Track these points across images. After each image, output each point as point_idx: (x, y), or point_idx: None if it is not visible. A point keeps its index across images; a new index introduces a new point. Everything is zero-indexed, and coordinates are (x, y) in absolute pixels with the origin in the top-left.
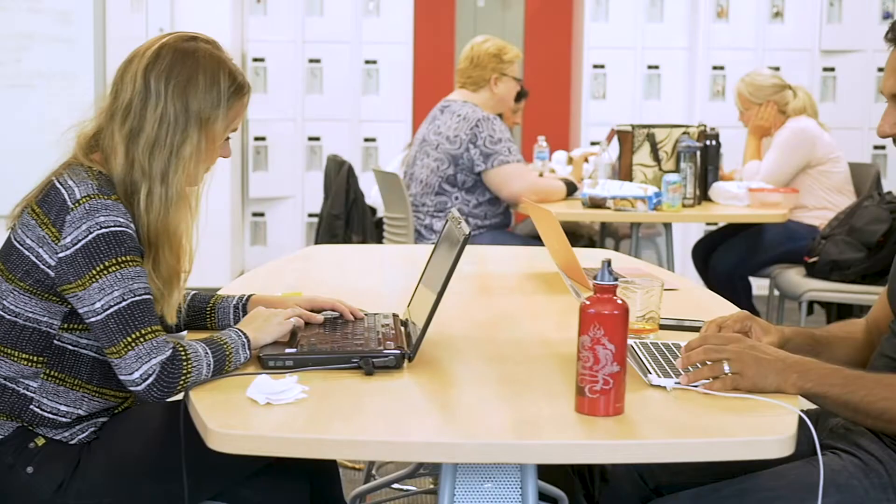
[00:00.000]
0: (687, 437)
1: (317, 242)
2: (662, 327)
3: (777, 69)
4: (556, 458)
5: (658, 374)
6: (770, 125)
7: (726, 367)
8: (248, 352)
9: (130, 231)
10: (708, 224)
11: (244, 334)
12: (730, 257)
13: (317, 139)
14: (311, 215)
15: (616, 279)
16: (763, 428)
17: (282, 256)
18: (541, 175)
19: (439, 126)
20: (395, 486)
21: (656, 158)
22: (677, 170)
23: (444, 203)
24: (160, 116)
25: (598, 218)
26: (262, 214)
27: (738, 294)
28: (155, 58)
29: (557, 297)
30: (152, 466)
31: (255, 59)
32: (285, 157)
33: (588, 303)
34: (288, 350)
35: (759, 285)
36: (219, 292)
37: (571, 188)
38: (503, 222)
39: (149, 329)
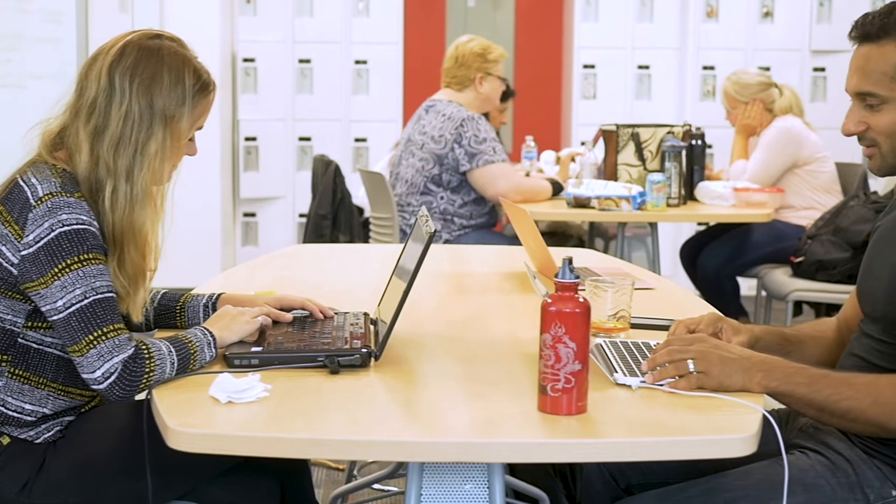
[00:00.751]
0: (649, 435)
1: (304, 242)
2: (634, 326)
3: (767, 69)
4: (517, 457)
5: (624, 373)
6: (757, 124)
7: (691, 366)
8: (213, 350)
9: (93, 229)
10: (699, 224)
11: (210, 333)
12: (717, 257)
13: (307, 139)
14: (302, 215)
15: (577, 277)
16: (726, 427)
17: None
18: (527, 175)
19: (424, 126)
20: (376, 486)
21: (641, 158)
22: (662, 169)
23: (429, 203)
24: (125, 114)
25: (582, 217)
26: (253, 214)
27: (726, 294)
28: (119, 55)
29: (534, 296)
30: (118, 466)
31: (246, 60)
32: (276, 158)
33: (549, 301)
34: (254, 349)
35: (748, 285)
36: (192, 291)
37: (557, 188)
38: (489, 222)
39: (111, 327)
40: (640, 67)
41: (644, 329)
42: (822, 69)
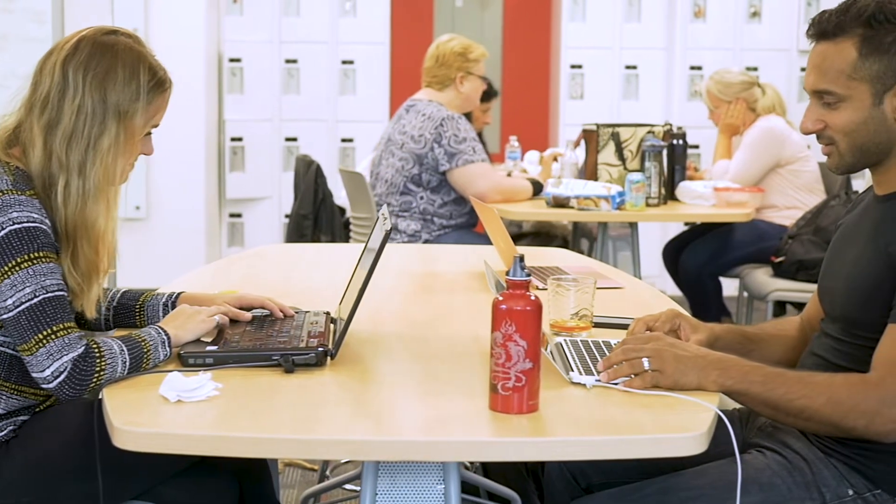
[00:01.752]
0: (598, 434)
1: (287, 242)
2: (596, 325)
3: (755, 69)
4: (465, 455)
5: (580, 372)
6: (740, 123)
7: (646, 364)
8: (168, 349)
9: (45, 227)
10: (686, 224)
11: (164, 332)
12: (698, 257)
13: (294, 140)
14: (288, 216)
15: (529, 275)
16: (677, 425)
17: None
18: (509, 175)
19: (404, 125)
20: (348, 486)
21: (621, 158)
22: (642, 169)
23: (409, 203)
24: (77, 108)
25: (561, 217)
26: (239, 215)
27: (708, 294)
28: (73, 50)
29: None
30: (72, 466)
31: (232, 60)
32: (262, 158)
33: (500, 299)
34: (209, 348)
35: (734, 285)
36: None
37: (538, 188)
38: (469, 222)
39: (61, 326)
40: (628, 67)
41: (606, 328)
42: None
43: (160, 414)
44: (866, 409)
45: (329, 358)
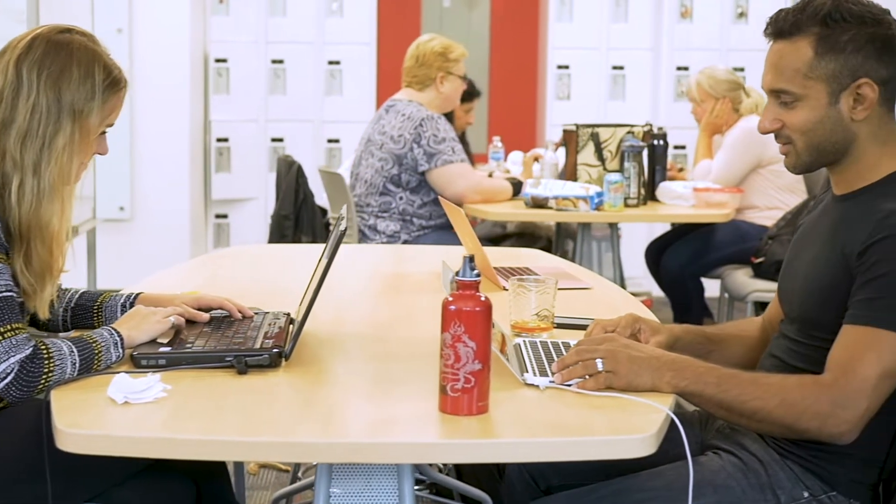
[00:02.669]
0: (547, 436)
1: (269, 243)
2: (558, 326)
3: (741, 69)
4: (410, 458)
5: (535, 373)
6: (724, 122)
7: (600, 365)
8: (120, 350)
9: None
10: (673, 224)
11: (117, 333)
12: (680, 257)
13: (280, 140)
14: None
15: (479, 275)
16: (626, 427)
17: None
18: (490, 175)
19: (384, 126)
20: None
21: (600, 158)
22: (621, 170)
23: (388, 203)
24: (32, 107)
25: (539, 218)
26: (225, 216)
27: (690, 294)
28: (27, 48)
29: None
30: (22, 468)
31: (218, 60)
32: (248, 159)
33: (450, 299)
34: (162, 349)
35: (716, 286)
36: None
37: (518, 188)
38: (449, 222)
39: (9, 327)
40: (615, 68)
41: (568, 328)
42: None
43: (105, 416)
44: (819, 410)
45: (283, 359)
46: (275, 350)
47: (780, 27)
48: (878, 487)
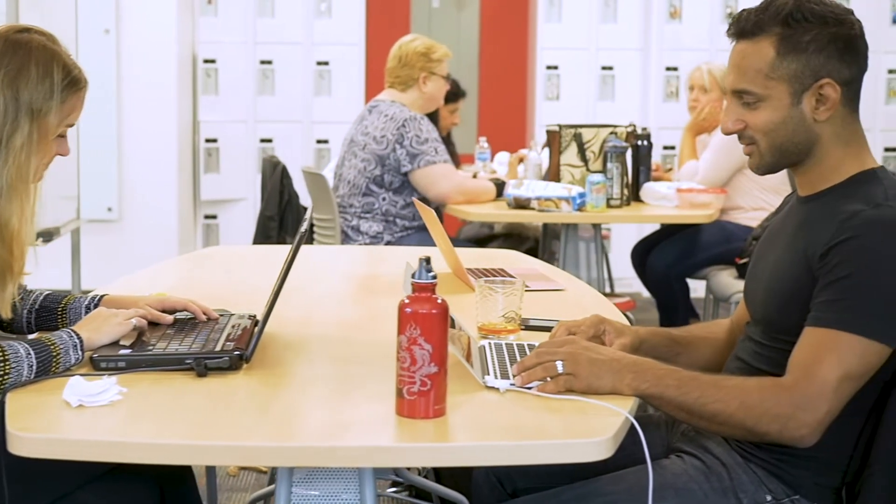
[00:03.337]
0: (503, 439)
1: (254, 244)
2: (526, 328)
3: None
4: (362, 461)
5: (496, 376)
6: (711, 123)
7: (560, 368)
8: (80, 353)
9: None
10: (663, 225)
11: (77, 335)
12: (665, 258)
13: (269, 141)
14: None
15: (435, 277)
16: (583, 430)
17: None
18: (474, 176)
19: (367, 126)
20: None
21: (583, 159)
22: (604, 170)
23: (371, 204)
24: None
25: (522, 218)
26: (214, 217)
27: (676, 295)
28: None
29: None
30: None
31: (206, 61)
32: (237, 160)
33: (406, 301)
34: (122, 351)
35: (702, 287)
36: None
37: (502, 189)
38: None
39: None
40: (604, 68)
41: (535, 330)
42: None
43: (59, 419)
44: (779, 413)
45: (244, 362)
46: (235, 352)
47: (743, 27)
48: (842, 491)
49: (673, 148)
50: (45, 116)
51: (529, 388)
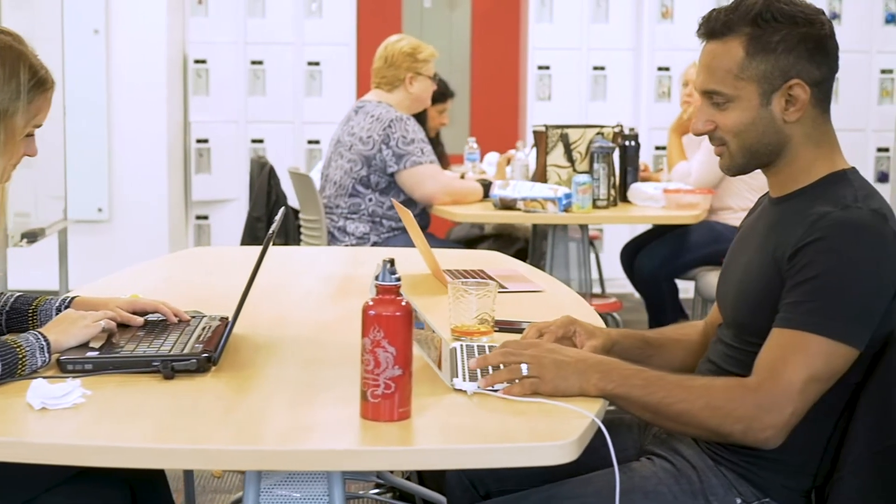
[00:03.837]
0: (466, 443)
1: (242, 244)
2: (500, 330)
3: None
4: (323, 465)
5: (464, 378)
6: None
7: (525, 371)
8: (46, 355)
9: None
10: (655, 225)
11: (44, 337)
12: (654, 259)
13: (260, 141)
14: None
15: (399, 279)
16: (547, 433)
17: None
18: (462, 176)
19: (353, 127)
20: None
21: (570, 159)
22: (591, 171)
23: (357, 205)
24: None
25: (507, 219)
26: (205, 217)
27: (664, 296)
28: None
29: (416, 299)
30: None
31: (197, 61)
32: (228, 160)
33: (370, 304)
34: (89, 353)
35: (691, 287)
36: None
37: (489, 190)
38: (419, 224)
39: None
40: (596, 68)
41: (507, 332)
42: None
43: (21, 422)
44: (743, 414)
45: (212, 364)
46: (203, 355)
47: (712, 27)
48: (811, 494)
49: (664, 148)
50: (11, 117)
51: (495, 391)
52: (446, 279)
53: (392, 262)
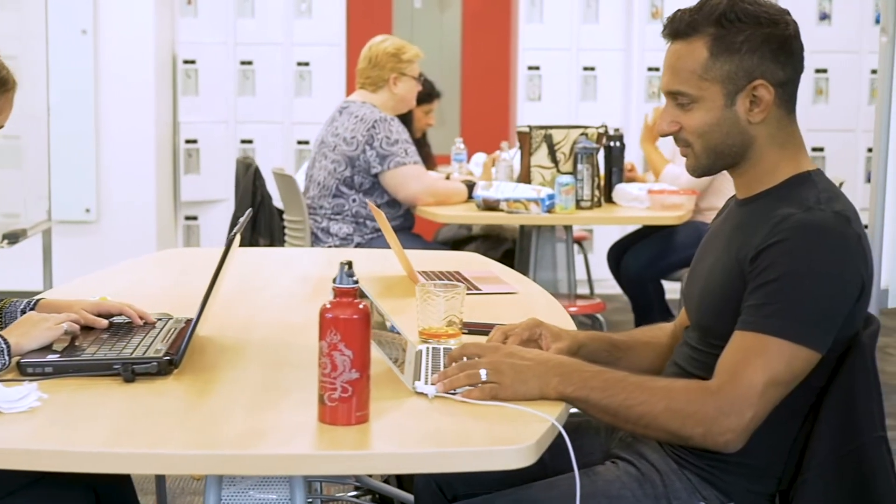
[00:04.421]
0: (423, 447)
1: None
2: (469, 332)
3: None
4: (277, 469)
5: (426, 382)
6: None
7: (483, 376)
8: (6, 358)
9: None
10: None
11: (4, 340)
12: (640, 260)
13: (250, 142)
14: None
15: (356, 282)
16: (505, 437)
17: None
18: (447, 177)
19: (337, 128)
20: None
21: (554, 160)
22: (575, 172)
23: (341, 206)
24: None
25: (491, 220)
26: (195, 218)
27: (650, 297)
28: None
29: (387, 300)
30: None
31: (186, 62)
32: (218, 160)
33: (327, 307)
34: (50, 356)
35: (677, 288)
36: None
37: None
38: (403, 224)
39: None
40: (586, 69)
41: (476, 335)
42: None
43: None
44: (703, 417)
45: (174, 367)
46: (165, 358)
47: (677, 28)
48: (776, 498)
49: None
50: None
51: (454, 394)
52: (421, 281)
53: (350, 264)
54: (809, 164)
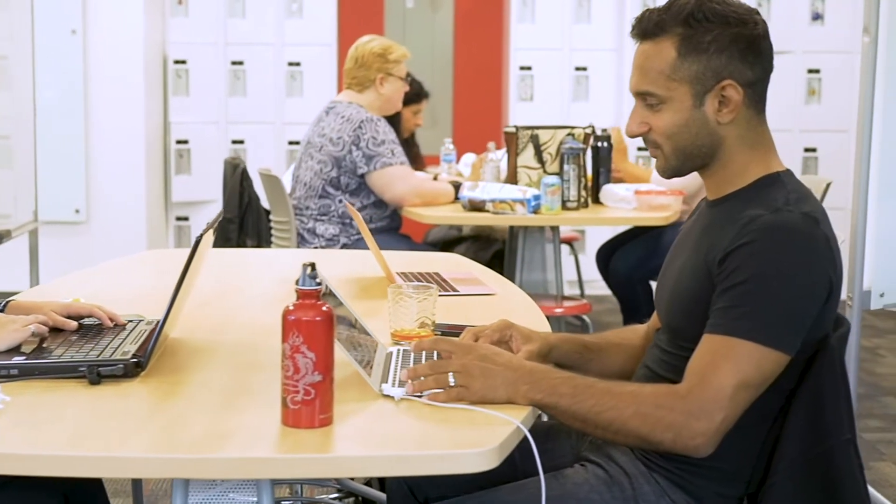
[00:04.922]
0: (385, 450)
1: (214, 247)
2: (442, 333)
3: None
4: (237, 473)
5: (394, 384)
6: None
7: (452, 380)
8: None
9: None
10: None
11: None
12: (628, 261)
13: (241, 142)
14: None
15: (319, 283)
16: (469, 441)
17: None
18: (435, 178)
19: (323, 128)
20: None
21: (540, 160)
22: (561, 172)
23: (327, 206)
24: None
25: (477, 221)
26: (186, 218)
27: (639, 298)
28: None
29: (365, 302)
30: None
31: (177, 62)
32: (208, 161)
33: (290, 308)
34: (15, 358)
35: None
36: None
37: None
38: (390, 225)
39: None
40: (578, 69)
41: (450, 336)
42: None
43: None
44: (673, 421)
45: (141, 369)
46: (132, 360)
47: (645, 28)
48: (744, 501)
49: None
50: None
51: (419, 397)
52: (395, 282)
53: (313, 266)
54: (779, 164)
